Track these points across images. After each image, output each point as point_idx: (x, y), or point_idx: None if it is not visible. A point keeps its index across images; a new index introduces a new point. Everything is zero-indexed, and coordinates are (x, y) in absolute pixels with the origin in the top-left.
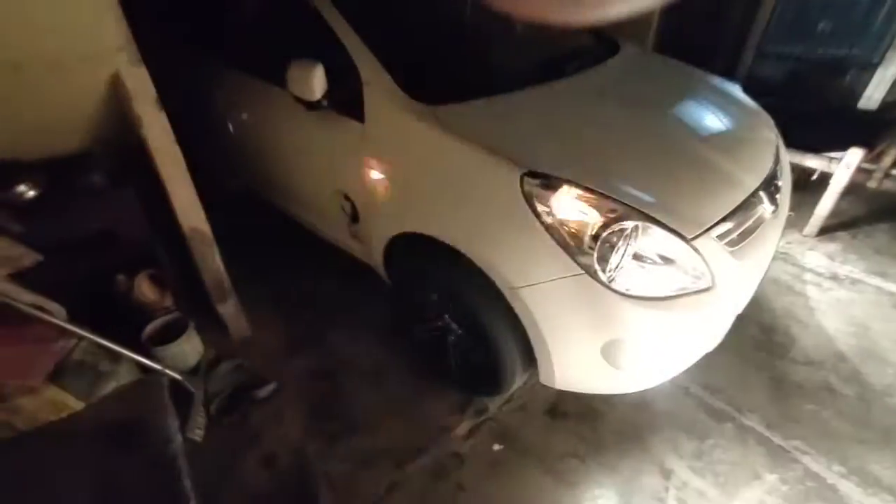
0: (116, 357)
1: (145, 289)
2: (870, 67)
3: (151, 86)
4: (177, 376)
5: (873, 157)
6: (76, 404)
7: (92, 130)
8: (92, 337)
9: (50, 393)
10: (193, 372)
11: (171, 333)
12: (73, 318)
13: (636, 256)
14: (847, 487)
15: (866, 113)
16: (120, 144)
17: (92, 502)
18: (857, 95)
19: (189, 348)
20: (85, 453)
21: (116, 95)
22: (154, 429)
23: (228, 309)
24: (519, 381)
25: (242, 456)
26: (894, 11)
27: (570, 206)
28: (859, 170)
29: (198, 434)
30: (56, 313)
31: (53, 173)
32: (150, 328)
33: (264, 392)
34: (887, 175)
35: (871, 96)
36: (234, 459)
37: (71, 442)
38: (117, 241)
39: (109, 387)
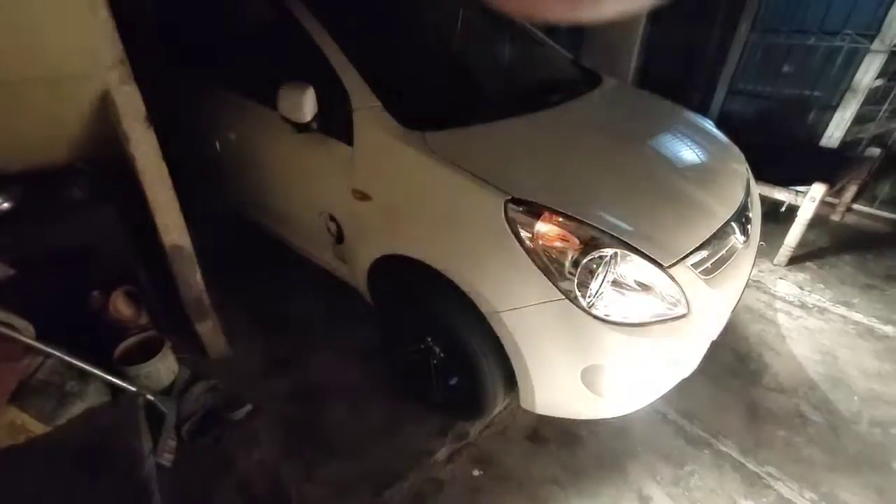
0: (86, 377)
1: (120, 306)
2: (830, 109)
3: (141, 104)
4: (149, 396)
5: (835, 192)
6: (36, 427)
7: (77, 145)
8: (59, 355)
9: (9, 415)
10: (167, 392)
11: (145, 352)
12: (42, 336)
13: (615, 283)
14: None
15: (828, 150)
16: (104, 159)
17: None
18: (820, 134)
19: (163, 368)
20: (55, 476)
21: (105, 112)
22: (126, 452)
23: (207, 328)
24: (500, 405)
25: (215, 481)
26: (850, 59)
27: (551, 232)
28: (823, 203)
29: (167, 459)
30: (23, 330)
31: (32, 186)
32: (122, 346)
33: (239, 414)
34: (849, 209)
35: (832, 135)
36: (206, 484)
37: (39, 465)
38: (95, 257)
39: (76, 407)
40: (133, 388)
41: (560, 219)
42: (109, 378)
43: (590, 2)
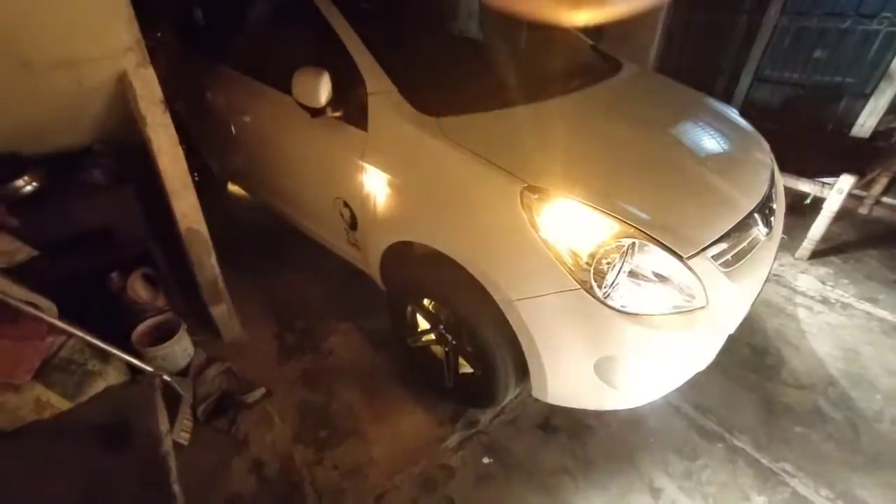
0: (106, 356)
1: (138, 288)
2: (862, 96)
3: (158, 87)
4: (166, 377)
5: (864, 184)
6: (60, 403)
7: (95, 128)
8: (82, 335)
9: (35, 391)
10: (182, 374)
11: (162, 334)
12: (63, 316)
13: (632, 274)
14: None
15: (858, 140)
16: (122, 143)
17: (80, 502)
18: (850, 123)
19: (179, 350)
20: (74, 452)
21: (122, 95)
22: (145, 430)
23: (221, 311)
24: (512, 394)
25: (229, 461)
26: (887, 43)
27: (568, 221)
28: (851, 196)
29: (184, 437)
30: (47, 310)
31: (53, 169)
32: (140, 328)
33: (253, 397)
34: (877, 202)
35: (864, 124)
36: (220, 464)
37: (60, 441)
38: (113, 239)
39: (97, 386)
40: (150, 369)
41: (577, 207)
42: (129, 359)
43: (593, 3)
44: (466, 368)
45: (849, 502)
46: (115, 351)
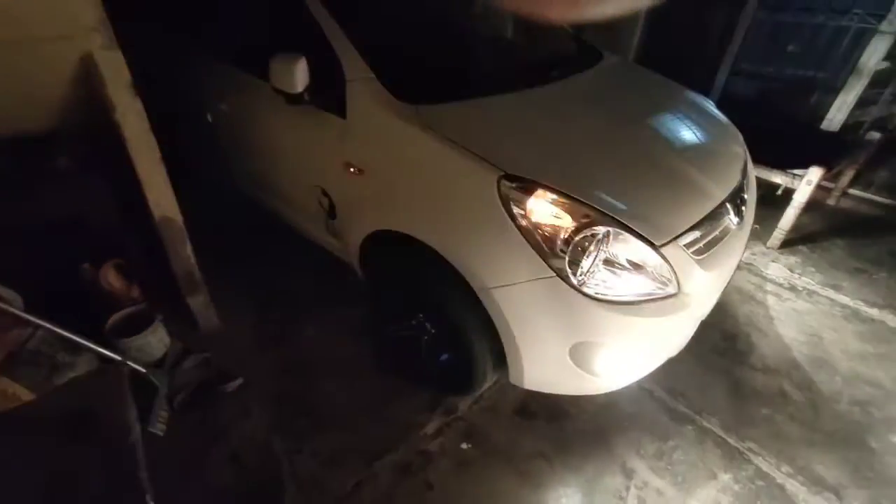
0: (76, 348)
1: (111, 279)
2: (833, 91)
3: (126, 70)
4: (140, 368)
5: (832, 176)
6: (27, 396)
7: (60, 112)
8: (50, 326)
9: (1, 384)
10: (159, 365)
11: (136, 325)
12: (31, 307)
13: (607, 262)
14: (793, 486)
15: (828, 134)
16: (90, 128)
17: (45, 493)
18: (821, 116)
19: (155, 340)
20: (38, 444)
21: (89, 78)
22: (111, 420)
23: (198, 301)
24: (490, 381)
25: (207, 452)
26: (857, 39)
27: (544, 209)
28: (819, 187)
29: (160, 428)
30: (12, 302)
31: (15, 154)
32: (113, 319)
33: (231, 387)
34: (844, 194)
35: (833, 118)
36: (197, 455)
37: (23, 432)
38: (84, 228)
39: (67, 378)
40: (120, 359)
41: (553, 196)
42: (99, 349)
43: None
44: (445, 356)
45: (807, 477)
46: (84, 342)
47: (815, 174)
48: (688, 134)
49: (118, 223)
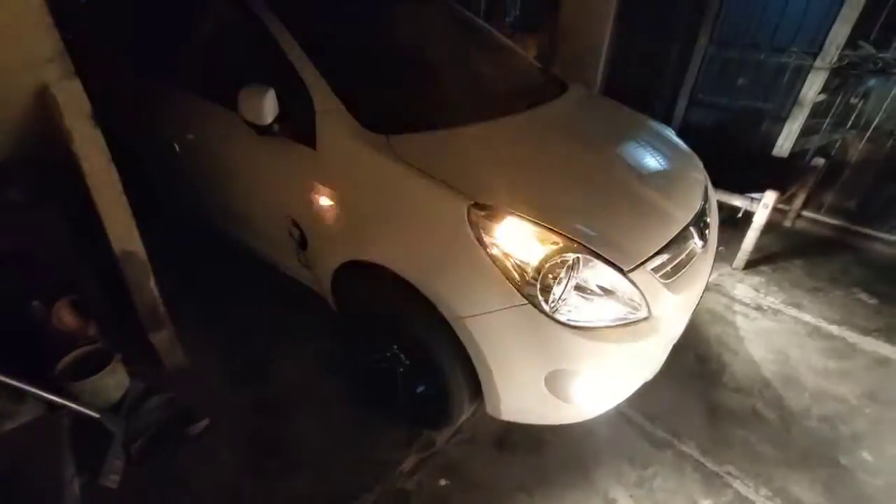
0: (20, 395)
1: (65, 317)
2: (780, 120)
3: (86, 100)
4: (93, 414)
5: (786, 199)
6: None
7: (12, 143)
8: None
9: None
10: (116, 408)
11: (93, 366)
12: None
13: (578, 288)
14: None
15: (778, 160)
16: (43, 159)
17: None
18: (772, 144)
19: (112, 382)
20: None
21: (44, 109)
22: (42, 477)
23: (162, 337)
24: (467, 412)
25: (167, 503)
26: (797, 73)
27: (514, 237)
28: (776, 210)
29: (112, 480)
30: None
31: None
32: (65, 360)
33: (196, 429)
34: (798, 216)
35: (782, 145)
36: None
37: None
38: (34, 263)
39: (4, 430)
40: (74, 406)
41: (523, 223)
42: (44, 395)
43: None
44: (421, 389)
45: (784, 499)
46: (25, 387)
47: (770, 197)
48: (651, 161)
49: (72, 258)
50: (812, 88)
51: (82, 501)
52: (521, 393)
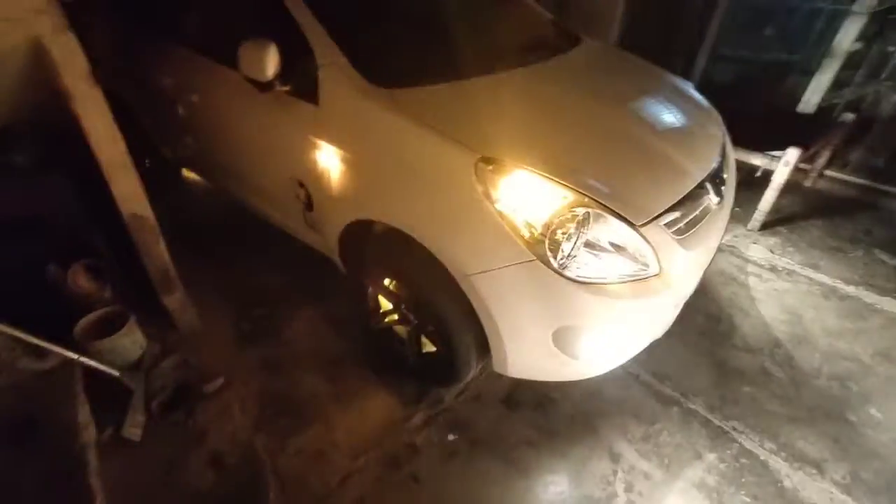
0: (42, 353)
1: (81, 280)
2: (808, 73)
3: (83, 57)
4: (113, 372)
5: (809, 157)
6: None
7: (11, 105)
8: (10, 331)
9: None
10: (136, 367)
11: (110, 327)
12: None
13: (588, 244)
14: (777, 463)
15: (804, 116)
16: (49, 122)
17: None
18: (797, 99)
19: (129, 342)
20: None
21: (41, 66)
22: (57, 423)
23: (175, 301)
24: (474, 370)
25: (186, 455)
26: (831, 21)
27: (523, 192)
28: (797, 169)
29: (135, 433)
30: None
31: None
32: (83, 322)
33: (211, 387)
34: (821, 175)
35: (809, 101)
36: (176, 458)
37: None
38: (47, 228)
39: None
40: (92, 363)
41: (532, 177)
42: (68, 353)
43: None
44: (429, 347)
45: (789, 452)
46: (47, 345)
47: (792, 155)
48: (666, 115)
49: (85, 222)
50: (848, 36)
51: (106, 453)
52: (529, 349)
